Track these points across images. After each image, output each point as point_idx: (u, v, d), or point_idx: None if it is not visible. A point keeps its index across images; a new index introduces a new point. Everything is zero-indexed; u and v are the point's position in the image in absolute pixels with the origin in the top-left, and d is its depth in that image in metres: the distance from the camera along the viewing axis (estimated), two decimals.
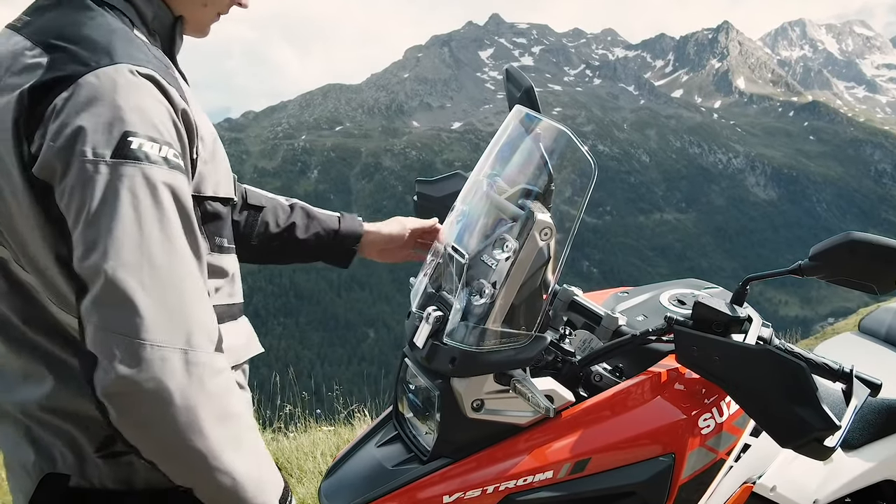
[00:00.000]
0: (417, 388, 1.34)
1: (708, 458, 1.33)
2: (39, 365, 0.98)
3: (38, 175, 0.86)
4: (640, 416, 1.30)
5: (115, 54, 0.90)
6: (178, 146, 0.92)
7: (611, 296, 1.70)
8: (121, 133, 0.85)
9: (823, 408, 1.13)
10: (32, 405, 0.99)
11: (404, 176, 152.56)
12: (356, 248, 1.53)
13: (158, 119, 0.89)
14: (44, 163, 0.86)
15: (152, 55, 0.96)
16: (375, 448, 1.39)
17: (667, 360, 1.39)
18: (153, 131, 0.88)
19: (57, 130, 0.85)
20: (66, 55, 0.89)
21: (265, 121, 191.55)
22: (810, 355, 1.34)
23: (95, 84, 0.87)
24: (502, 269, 1.20)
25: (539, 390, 1.23)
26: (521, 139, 1.35)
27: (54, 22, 0.95)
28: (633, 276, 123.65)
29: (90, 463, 0.99)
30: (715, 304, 1.28)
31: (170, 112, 0.92)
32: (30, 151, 0.87)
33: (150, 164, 0.86)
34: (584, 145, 1.23)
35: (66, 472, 0.99)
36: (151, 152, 0.87)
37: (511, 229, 1.23)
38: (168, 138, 0.90)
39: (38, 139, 0.86)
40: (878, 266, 1.20)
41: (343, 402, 4.63)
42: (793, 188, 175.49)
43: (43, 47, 0.91)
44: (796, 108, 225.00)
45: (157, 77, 0.92)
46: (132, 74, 0.89)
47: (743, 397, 1.24)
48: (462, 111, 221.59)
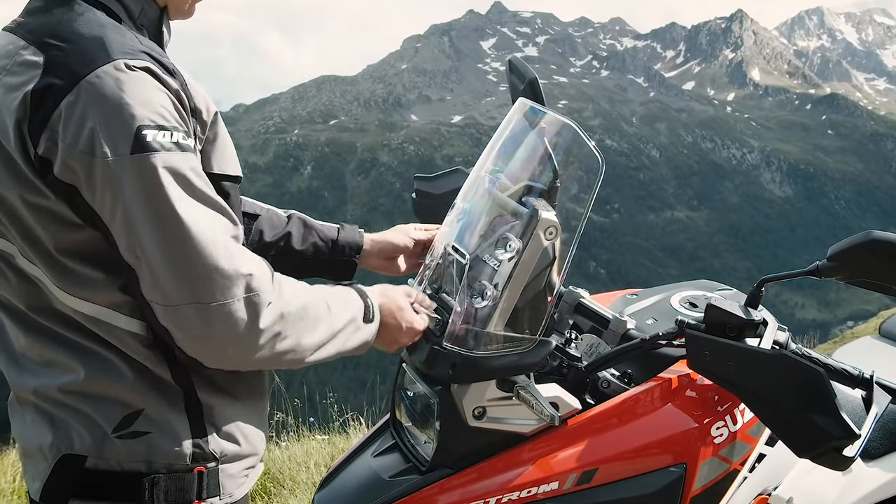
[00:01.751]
0: (416, 394, 1.35)
1: (721, 469, 1.33)
2: (64, 354, 1.06)
3: (63, 178, 0.96)
4: (649, 425, 1.30)
5: (111, 50, 0.98)
6: (185, 127, 1.02)
7: (619, 298, 1.70)
8: (134, 129, 0.95)
9: (842, 415, 1.13)
10: (52, 389, 1.07)
11: (402, 172, 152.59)
12: (356, 259, 1.54)
13: (163, 107, 0.98)
14: (65, 166, 0.95)
15: (143, 45, 1.03)
16: (372, 458, 1.39)
17: (678, 365, 1.39)
18: (161, 120, 0.97)
19: (73, 135, 0.94)
20: (62, 54, 0.98)
21: (256, 114, 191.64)
22: (828, 360, 1.34)
23: (97, 84, 0.95)
24: (505, 269, 1.20)
25: (544, 397, 1.23)
26: (524, 134, 1.36)
27: (46, 21, 1.03)
28: (642, 278, 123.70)
29: (108, 443, 1.06)
30: (728, 307, 1.28)
31: (170, 98, 1.01)
32: (37, 153, 0.96)
33: (165, 152, 0.97)
34: (590, 140, 1.23)
35: (84, 454, 1.06)
36: (164, 140, 0.97)
37: (514, 228, 1.23)
38: (175, 123, 0.99)
39: (45, 142, 0.95)
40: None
41: (338, 410, 4.63)
42: (810, 185, 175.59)
43: (37, 46, 1.00)
44: (814, 100, 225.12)
45: (153, 67, 1.00)
46: (130, 69, 0.97)
47: (758, 405, 1.24)
48: (463, 104, 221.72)
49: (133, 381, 1.06)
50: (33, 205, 0.99)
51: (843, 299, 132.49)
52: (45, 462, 1.08)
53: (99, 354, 1.06)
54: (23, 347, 1.10)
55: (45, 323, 1.06)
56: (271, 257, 1.46)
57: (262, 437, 1.22)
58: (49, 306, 1.06)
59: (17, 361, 1.11)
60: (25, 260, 1.04)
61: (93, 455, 1.06)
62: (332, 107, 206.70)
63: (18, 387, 1.12)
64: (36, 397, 1.09)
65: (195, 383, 1.10)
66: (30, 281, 1.05)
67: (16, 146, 0.97)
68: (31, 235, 1.02)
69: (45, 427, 1.08)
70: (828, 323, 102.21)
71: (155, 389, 1.08)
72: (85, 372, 1.05)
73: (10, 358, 1.12)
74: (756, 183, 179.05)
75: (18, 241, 1.03)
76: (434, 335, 1.27)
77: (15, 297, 1.08)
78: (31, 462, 1.13)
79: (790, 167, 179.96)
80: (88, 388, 1.06)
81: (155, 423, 1.08)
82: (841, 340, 11.99)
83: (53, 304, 1.05)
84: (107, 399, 1.06)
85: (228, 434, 1.14)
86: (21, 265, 1.05)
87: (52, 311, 1.06)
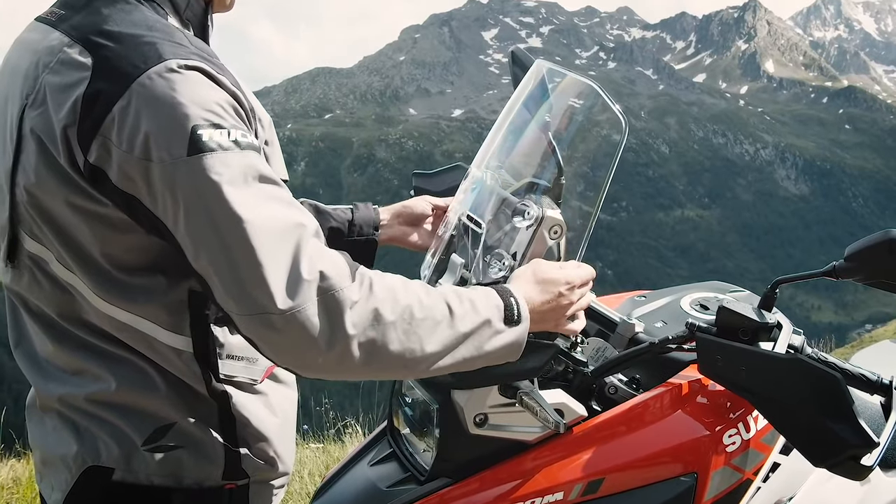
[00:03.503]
0: (414, 401, 1.35)
1: (733, 479, 1.33)
2: (94, 363, 1.06)
3: (123, 188, 0.95)
4: (658, 432, 1.30)
5: (161, 51, 0.96)
6: (243, 125, 1.00)
7: (627, 300, 1.70)
8: (189, 129, 0.93)
9: (860, 423, 1.13)
10: (79, 398, 1.06)
11: (400, 168, 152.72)
12: (375, 236, 1.51)
13: (218, 105, 0.97)
14: (123, 174, 0.94)
15: (193, 45, 1.02)
16: (368, 467, 1.39)
17: (688, 370, 1.39)
18: (216, 118, 0.95)
19: (128, 140, 0.93)
20: (112, 55, 0.96)
21: None
22: (846, 365, 1.34)
23: (149, 86, 0.93)
24: (523, 237, 1.19)
25: (548, 403, 1.23)
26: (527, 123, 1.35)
27: (92, 18, 1.01)
28: (650, 279, 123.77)
29: (137, 456, 1.06)
30: (741, 310, 1.28)
31: (226, 97, 0.99)
32: (87, 160, 0.95)
33: (224, 151, 0.94)
34: (614, 103, 1.23)
35: (111, 466, 1.06)
36: (221, 140, 0.94)
37: (533, 196, 1.23)
38: (232, 122, 0.97)
39: (97, 149, 0.94)
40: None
41: (333, 417, 4.64)
42: (827, 182, 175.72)
43: (83, 45, 0.98)
44: (830, 93, 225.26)
45: (206, 67, 0.98)
46: (181, 70, 0.96)
47: (772, 411, 1.24)
48: (463, 97, 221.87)
49: (166, 393, 1.06)
50: (82, 210, 0.98)
51: (861, 301, 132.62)
52: (68, 472, 1.07)
53: (132, 364, 1.05)
54: (49, 354, 1.09)
55: (75, 331, 1.06)
56: None
57: (292, 453, 1.22)
58: (80, 315, 1.05)
59: (41, 367, 1.11)
60: (61, 266, 1.03)
61: (120, 468, 1.06)
62: (326, 100, 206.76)
63: (42, 393, 1.11)
64: (60, 405, 1.08)
65: (230, 398, 1.10)
66: (63, 288, 1.05)
67: (63, 151, 0.96)
68: (73, 241, 1.01)
69: (69, 436, 1.07)
70: (845, 326, 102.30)
71: (189, 402, 1.08)
72: (116, 382, 1.04)
73: (33, 363, 1.12)
74: (770, 180, 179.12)
75: (55, 247, 1.02)
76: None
77: (45, 304, 1.07)
78: (50, 471, 1.12)
79: (806, 163, 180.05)
80: (119, 398, 1.05)
81: (187, 436, 1.07)
82: (859, 344, 12.00)
83: (85, 313, 1.05)
84: (137, 410, 1.06)
85: (261, 451, 1.14)
86: (55, 271, 1.04)
87: (84, 320, 1.05)
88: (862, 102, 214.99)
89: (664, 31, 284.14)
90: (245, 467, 1.11)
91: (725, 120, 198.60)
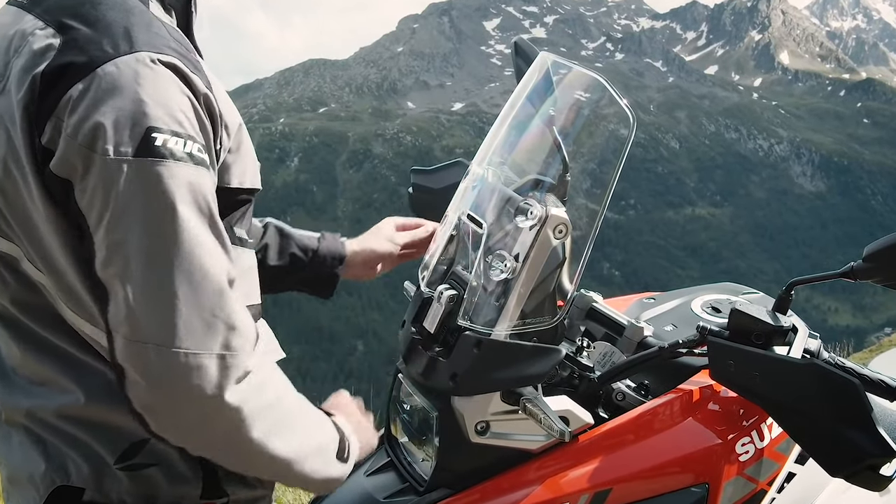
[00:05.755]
0: (413, 408, 1.35)
1: (747, 489, 1.33)
2: (62, 372, 1.03)
3: (58, 172, 0.91)
4: (668, 441, 1.30)
5: (135, 40, 0.94)
6: (203, 139, 0.97)
7: (635, 302, 1.70)
8: (144, 129, 0.90)
9: (879, 431, 1.13)
10: (47, 412, 1.04)
11: (398, 164, 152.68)
12: (339, 271, 1.55)
13: (182, 111, 0.94)
14: (63, 159, 0.91)
15: (172, 37, 1.00)
16: (365, 477, 1.39)
17: (699, 376, 1.40)
18: (177, 125, 0.92)
19: (76, 125, 0.90)
20: (82, 38, 0.94)
21: (238, 101, 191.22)
22: (864, 370, 1.34)
23: (115, 74, 0.91)
24: (526, 238, 1.19)
25: (553, 411, 1.23)
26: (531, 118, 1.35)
27: (66, 0, 0.99)
28: (660, 280, 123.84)
29: (109, 476, 1.04)
30: (755, 312, 1.28)
31: (193, 102, 0.96)
32: (41, 143, 0.92)
33: (174, 162, 0.91)
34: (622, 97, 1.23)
35: (80, 486, 1.03)
36: (176, 148, 0.91)
37: (535, 195, 1.23)
38: (192, 132, 0.94)
39: (50, 131, 0.91)
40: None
41: None
42: (844, 178, 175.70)
43: (55, 27, 0.96)
44: (848, 86, 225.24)
45: (179, 65, 0.96)
46: (153, 63, 0.93)
47: (787, 419, 1.24)
48: (464, 90, 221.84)
49: None
50: (36, 201, 0.95)
51: (880, 304, 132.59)
52: (36, 493, 1.04)
53: (101, 375, 1.01)
54: (16, 362, 1.07)
55: (45, 335, 1.03)
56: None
57: None
58: (51, 318, 1.02)
59: (7, 377, 1.08)
60: (31, 265, 1.01)
61: (90, 488, 1.03)
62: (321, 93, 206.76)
63: (8, 406, 1.08)
64: (27, 419, 1.06)
65: None
66: (34, 288, 1.02)
67: (21, 134, 0.93)
68: (38, 239, 0.98)
69: (36, 453, 1.05)
70: (863, 329, 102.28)
71: None
72: (84, 394, 1.01)
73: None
74: (785, 176, 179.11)
75: (24, 244, 0.99)
76: (433, 334, 1.26)
77: (13, 305, 1.04)
78: (17, 490, 1.09)
79: (822, 159, 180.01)
80: (88, 412, 1.02)
81: (161, 454, 1.05)
82: (878, 349, 12.00)
83: (57, 316, 1.02)
84: (108, 426, 1.02)
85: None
86: (25, 269, 1.01)
87: (55, 323, 1.02)
88: (881, 95, 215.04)
89: (674, 21, 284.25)
90: (225, 486, 1.10)
91: (738, 114, 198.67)
